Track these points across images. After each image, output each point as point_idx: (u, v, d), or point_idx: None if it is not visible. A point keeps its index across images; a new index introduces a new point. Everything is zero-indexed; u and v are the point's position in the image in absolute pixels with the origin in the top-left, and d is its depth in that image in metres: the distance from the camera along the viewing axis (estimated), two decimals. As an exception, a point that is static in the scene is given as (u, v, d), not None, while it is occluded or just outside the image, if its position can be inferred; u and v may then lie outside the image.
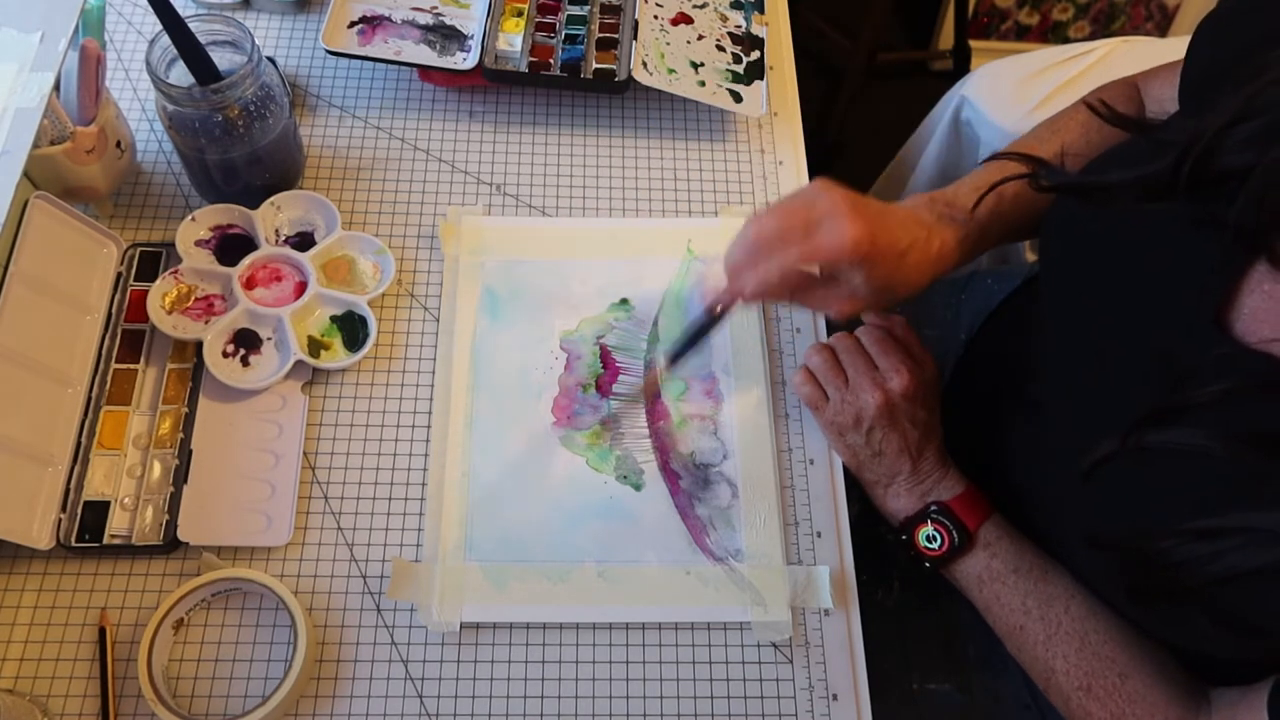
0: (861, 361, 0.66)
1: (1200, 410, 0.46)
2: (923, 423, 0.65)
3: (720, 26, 0.86)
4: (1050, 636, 0.58)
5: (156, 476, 0.64)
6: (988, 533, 0.62)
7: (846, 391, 0.65)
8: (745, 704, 0.60)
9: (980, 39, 1.86)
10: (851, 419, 0.65)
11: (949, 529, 0.62)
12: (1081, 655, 0.57)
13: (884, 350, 0.65)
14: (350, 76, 0.83)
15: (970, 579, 0.62)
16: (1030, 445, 0.64)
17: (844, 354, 0.67)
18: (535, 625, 0.62)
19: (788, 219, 0.57)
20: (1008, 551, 0.62)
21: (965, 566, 0.62)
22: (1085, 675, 0.57)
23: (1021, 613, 0.60)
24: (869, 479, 0.66)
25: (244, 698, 0.59)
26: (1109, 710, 0.55)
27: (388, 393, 0.69)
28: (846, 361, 0.66)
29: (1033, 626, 0.59)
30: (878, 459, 0.65)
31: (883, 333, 0.67)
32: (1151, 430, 0.48)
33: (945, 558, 0.62)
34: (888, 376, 0.64)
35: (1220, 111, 0.47)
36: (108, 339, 0.68)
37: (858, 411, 0.64)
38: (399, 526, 0.65)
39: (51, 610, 0.61)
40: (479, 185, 0.78)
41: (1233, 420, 0.46)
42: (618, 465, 0.67)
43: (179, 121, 0.67)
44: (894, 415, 0.64)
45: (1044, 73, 1.12)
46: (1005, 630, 0.61)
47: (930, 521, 0.63)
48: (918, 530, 0.63)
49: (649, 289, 0.74)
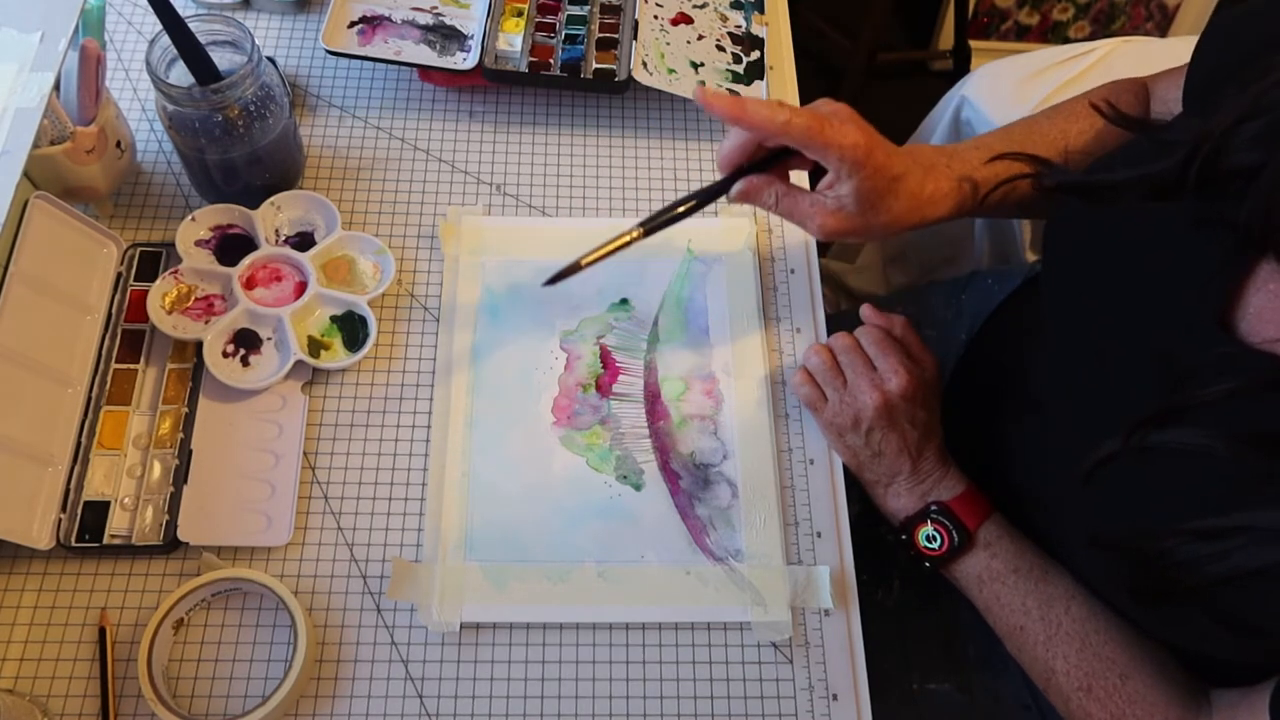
0: (860, 362, 0.66)
1: (1203, 410, 0.46)
2: (922, 423, 0.65)
3: (720, 26, 0.86)
4: (1050, 637, 0.58)
5: (156, 476, 0.64)
6: (988, 532, 0.62)
7: (845, 392, 0.65)
8: (745, 704, 0.60)
9: (980, 39, 1.86)
10: (850, 420, 0.65)
11: (949, 529, 0.62)
12: (1082, 656, 0.57)
13: (883, 351, 0.65)
14: (350, 76, 0.83)
15: (970, 579, 0.62)
16: (1031, 445, 0.64)
17: (842, 355, 0.67)
18: (535, 625, 0.62)
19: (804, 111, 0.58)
20: (1008, 551, 0.62)
21: (965, 566, 0.62)
22: (1085, 676, 0.57)
23: (1021, 613, 0.60)
24: (869, 479, 0.66)
25: (244, 698, 0.59)
26: (1109, 711, 0.55)
27: (388, 393, 0.69)
28: (845, 362, 0.66)
29: (1033, 627, 0.59)
30: (877, 459, 0.65)
31: (881, 333, 0.67)
32: (1154, 430, 0.48)
33: (945, 558, 0.62)
34: (886, 378, 0.64)
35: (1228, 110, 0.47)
36: (108, 339, 0.68)
37: (856, 412, 0.64)
38: (399, 526, 0.65)
39: (51, 610, 0.61)
40: (479, 185, 0.78)
41: (1235, 420, 0.46)
42: (618, 465, 0.67)
43: (179, 121, 0.67)
44: (893, 416, 0.64)
45: (1044, 73, 1.12)
46: (1005, 630, 0.61)
47: (930, 521, 0.63)
48: (918, 530, 0.63)
49: (649, 289, 0.74)
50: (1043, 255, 0.63)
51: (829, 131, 0.57)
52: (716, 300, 0.73)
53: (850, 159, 0.57)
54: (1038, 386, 0.64)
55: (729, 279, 0.74)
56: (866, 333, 0.67)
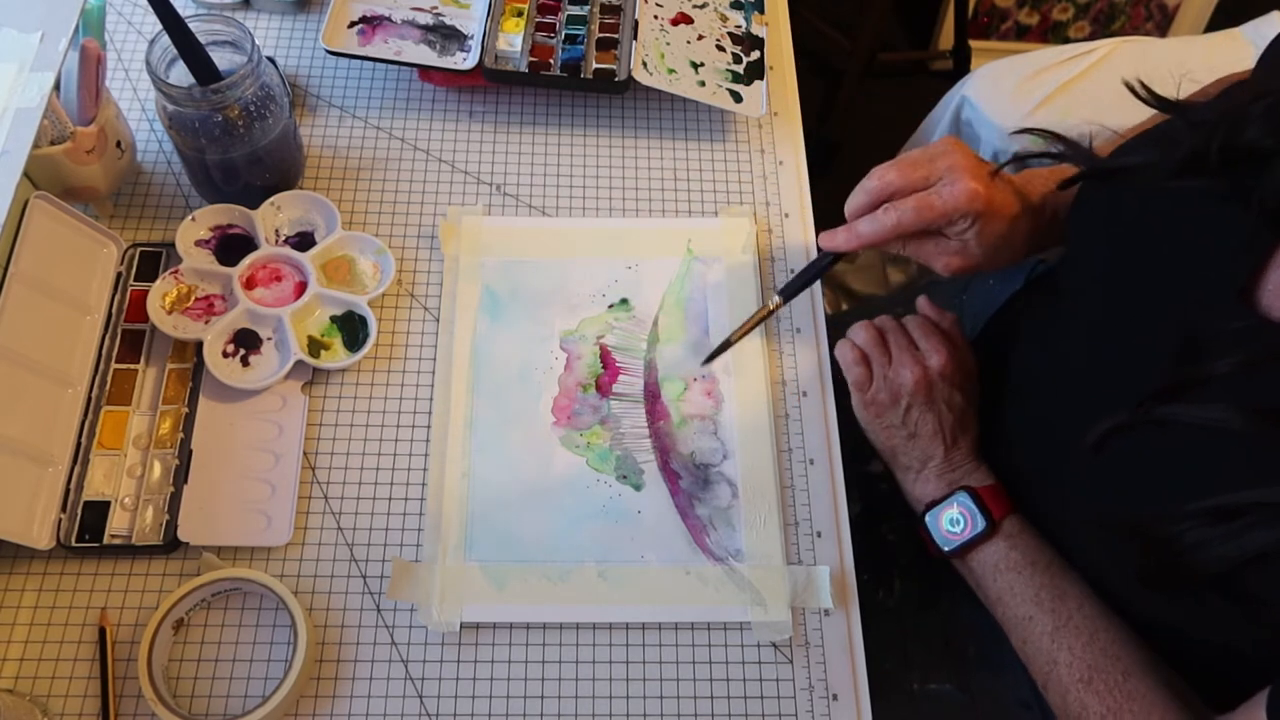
0: (904, 339, 0.68)
1: (1220, 383, 0.47)
2: (959, 408, 0.66)
3: (720, 26, 0.86)
4: (1059, 628, 0.58)
5: (156, 476, 0.64)
6: (1011, 525, 0.62)
7: (889, 368, 0.67)
8: (745, 704, 0.60)
9: (980, 39, 1.86)
10: (890, 396, 0.66)
11: (973, 514, 0.62)
12: (1088, 649, 0.57)
13: (926, 332, 0.68)
14: (350, 76, 0.83)
15: (986, 567, 0.62)
16: (1036, 429, 0.63)
17: (889, 334, 0.69)
18: (535, 625, 0.62)
19: (911, 171, 0.63)
20: (1028, 545, 0.62)
21: (983, 554, 0.62)
22: (1088, 668, 0.56)
23: (1033, 604, 0.59)
24: (902, 464, 0.67)
25: (244, 698, 0.59)
26: (1106, 705, 0.55)
27: (388, 393, 0.69)
28: (890, 340, 0.68)
29: (1042, 618, 0.59)
30: (912, 441, 0.66)
31: (924, 318, 0.69)
32: (1169, 402, 0.48)
33: (966, 544, 0.62)
34: (928, 355, 0.66)
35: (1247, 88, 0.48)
36: (108, 339, 0.68)
37: (897, 388, 0.66)
38: (399, 526, 0.65)
39: (51, 610, 0.61)
40: (479, 185, 0.78)
41: (1253, 393, 0.46)
42: (618, 465, 0.67)
43: (179, 121, 0.67)
44: (931, 394, 0.65)
45: (1044, 73, 1.12)
46: (1013, 621, 0.61)
47: (956, 505, 0.63)
48: (942, 513, 0.63)
49: (649, 289, 0.74)
50: (1065, 239, 0.64)
51: (937, 204, 0.61)
52: (716, 300, 0.73)
53: (966, 213, 0.61)
54: (1045, 374, 0.64)
55: (729, 279, 0.74)
56: (910, 318, 0.69)
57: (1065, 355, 0.61)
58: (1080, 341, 0.59)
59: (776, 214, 0.78)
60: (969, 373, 0.68)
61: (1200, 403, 0.47)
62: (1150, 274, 0.54)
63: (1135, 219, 0.56)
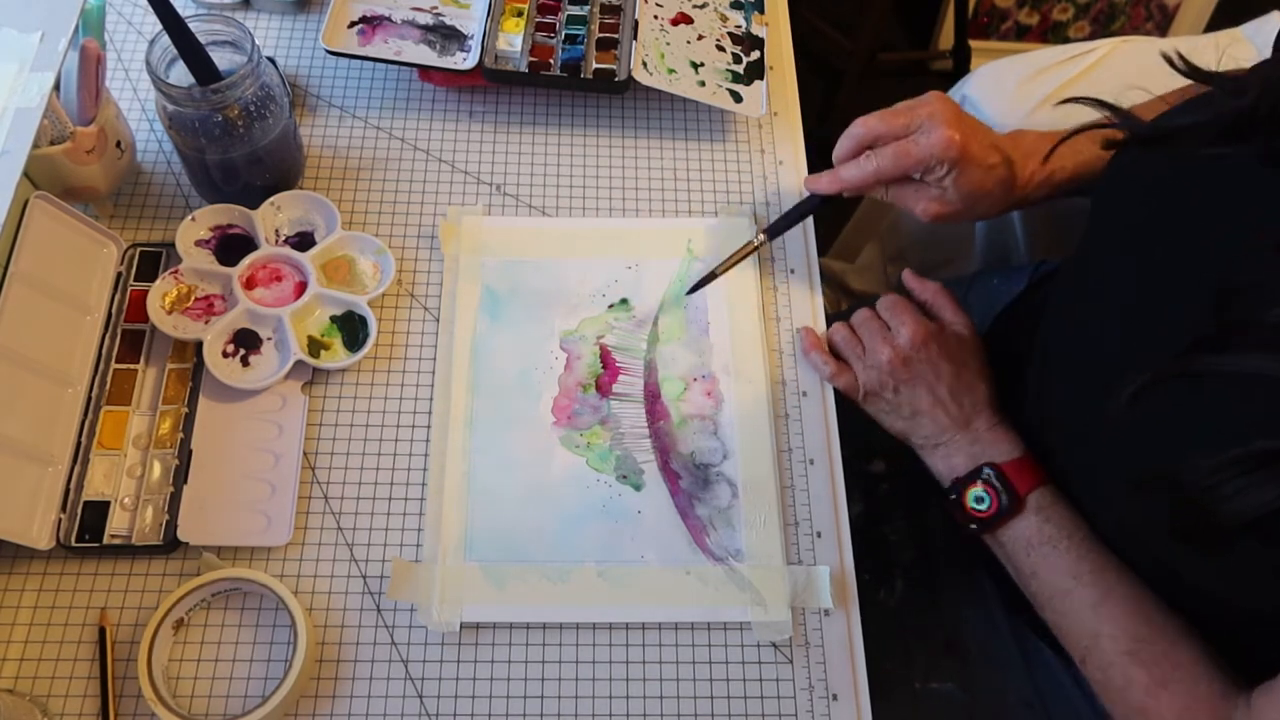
0: (875, 324, 0.69)
1: (1260, 332, 0.47)
2: (948, 373, 0.66)
3: (720, 26, 0.86)
4: (1102, 600, 0.57)
5: (156, 476, 0.64)
6: (1040, 498, 0.62)
7: (865, 359, 0.68)
8: (745, 704, 0.60)
9: (980, 39, 1.86)
10: (877, 384, 0.67)
11: (998, 491, 0.62)
12: (1133, 620, 0.56)
13: (894, 310, 0.69)
14: (350, 76, 0.83)
15: (1018, 542, 0.61)
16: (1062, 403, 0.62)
17: (860, 326, 0.70)
18: (535, 625, 0.62)
19: (893, 119, 0.66)
20: (1062, 517, 0.61)
21: (1014, 530, 0.62)
22: (1133, 640, 0.55)
23: (1072, 577, 0.59)
24: (919, 443, 0.67)
25: (244, 698, 0.59)
26: (1153, 675, 0.54)
27: (388, 393, 0.69)
28: (861, 331, 0.69)
29: (1083, 591, 0.58)
30: (916, 419, 0.66)
31: (895, 297, 0.69)
32: (1208, 353, 0.48)
33: (992, 520, 0.62)
34: (896, 332, 0.67)
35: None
36: (108, 339, 0.68)
37: (879, 375, 0.66)
38: (399, 526, 0.65)
39: (51, 610, 0.61)
40: (479, 185, 0.78)
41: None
42: (618, 465, 0.67)
43: (179, 121, 0.67)
44: (910, 367, 0.65)
45: (1044, 73, 1.12)
46: (1050, 594, 0.60)
47: (981, 482, 0.63)
48: (966, 491, 0.63)
49: (649, 289, 0.74)
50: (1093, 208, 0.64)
51: (915, 151, 0.65)
52: (716, 300, 0.73)
53: (942, 159, 0.64)
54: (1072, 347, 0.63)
55: (729, 279, 0.74)
56: (882, 299, 0.70)
57: (1092, 324, 0.60)
58: (1111, 307, 0.58)
59: (776, 214, 0.78)
60: (955, 335, 0.68)
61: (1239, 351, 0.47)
62: (1186, 236, 0.54)
63: (1172, 183, 0.56)
